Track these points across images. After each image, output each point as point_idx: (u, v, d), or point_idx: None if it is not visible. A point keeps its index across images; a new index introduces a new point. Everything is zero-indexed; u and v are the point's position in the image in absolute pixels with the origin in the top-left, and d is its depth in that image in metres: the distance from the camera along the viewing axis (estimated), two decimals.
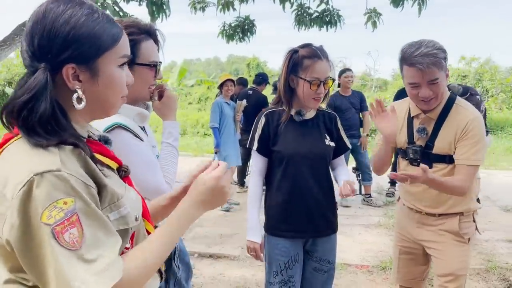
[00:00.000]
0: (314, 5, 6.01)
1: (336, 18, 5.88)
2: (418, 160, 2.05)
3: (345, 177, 2.09)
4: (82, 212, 0.78)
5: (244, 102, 5.74)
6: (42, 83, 0.83)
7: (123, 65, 0.95)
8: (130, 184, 1.00)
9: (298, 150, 1.99)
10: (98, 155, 0.90)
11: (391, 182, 5.99)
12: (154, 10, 4.81)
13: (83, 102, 0.88)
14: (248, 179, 5.92)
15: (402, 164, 2.16)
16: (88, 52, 0.87)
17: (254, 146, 2.05)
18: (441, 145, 1.98)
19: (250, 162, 2.15)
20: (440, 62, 1.84)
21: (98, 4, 4.08)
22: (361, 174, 5.78)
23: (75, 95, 0.87)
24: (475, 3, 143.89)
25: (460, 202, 2.03)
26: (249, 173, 6.20)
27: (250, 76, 17.86)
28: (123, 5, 4.78)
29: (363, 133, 5.67)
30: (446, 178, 1.96)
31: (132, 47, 1.04)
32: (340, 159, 2.17)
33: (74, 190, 0.78)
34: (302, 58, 1.95)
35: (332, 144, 2.07)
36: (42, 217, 0.75)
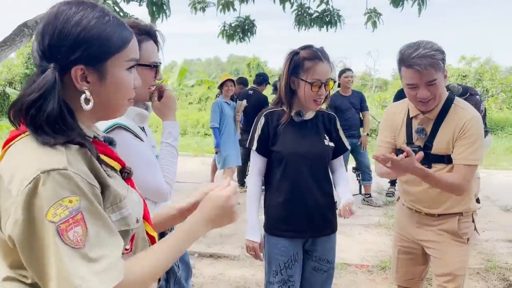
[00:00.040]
0: (314, 5, 6.03)
1: (336, 18, 5.89)
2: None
3: (345, 191, 2.07)
4: (87, 211, 0.79)
5: (244, 102, 5.74)
6: (51, 83, 0.84)
7: (132, 68, 0.95)
8: (133, 186, 1.01)
9: (297, 150, 2.00)
10: (102, 156, 0.90)
11: (391, 182, 5.99)
12: (154, 10, 4.82)
13: (91, 103, 0.89)
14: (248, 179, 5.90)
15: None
16: (97, 54, 0.88)
17: (254, 146, 2.05)
18: (439, 145, 1.99)
19: (250, 162, 2.15)
20: (437, 63, 1.84)
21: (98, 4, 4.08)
22: (361, 174, 5.78)
23: (83, 96, 0.88)
24: (475, 3, 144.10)
25: (459, 203, 2.04)
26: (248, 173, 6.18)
27: (251, 76, 17.84)
28: (123, 5, 4.79)
29: (363, 132, 5.67)
30: (443, 175, 1.96)
31: None
32: (339, 160, 2.17)
33: (79, 189, 0.79)
34: (303, 60, 1.95)
35: (331, 144, 2.08)
36: (47, 214, 0.75)
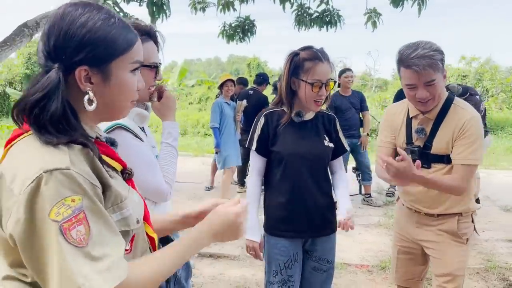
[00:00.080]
0: (314, 5, 6.04)
1: (336, 18, 5.90)
2: (417, 160, 2.05)
3: (344, 200, 2.07)
4: (89, 210, 0.80)
5: (244, 102, 5.75)
6: (55, 83, 0.84)
7: (136, 70, 0.96)
8: (133, 187, 1.01)
9: (297, 150, 2.00)
10: (104, 157, 0.91)
11: None
12: (155, 10, 4.83)
13: (94, 104, 0.89)
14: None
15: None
16: (102, 55, 0.88)
17: (253, 146, 2.06)
18: (439, 145, 1.99)
19: (250, 162, 2.16)
20: (436, 63, 1.84)
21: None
22: (361, 174, 5.78)
23: (86, 97, 0.89)
24: (475, 3, 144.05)
25: (458, 203, 2.04)
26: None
27: (251, 76, 17.84)
28: (124, 5, 4.80)
29: (363, 132, 5.67)
30: (441, 177, 1.96)
31: None
32: (338, 161, 2.17)
33: (81, 188, 0.79)
34: (303, 61, 1.95)
35: (331, 145, 2.08)
36: (50, 213, 0.75)
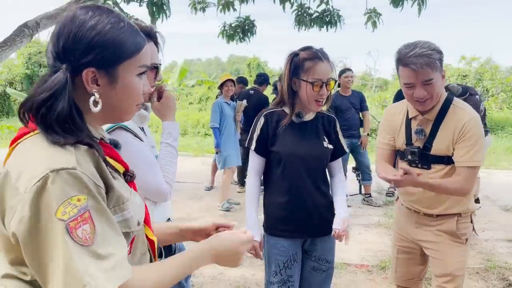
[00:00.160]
0: (314, 5, 6.03)
1: (336, 18, 5.89)
2: (417, 161, 2.05)
3: (341, 207, 2.06)
4: (94, 209, 0.81)
5: (244, 102, 5.75)
6: (62, 83, 0.85)
7: (142, 74, 0.97)
8: (135, 189, 1.02)
9: (296, 151, 2.00)
10: (108, 158, 0.92)
11: None
12: (155, 10, 4.83)
13: (99, 106, 0.90)
14: None
15: (401, 165, 2.16)
16: (109, 58, 0.89)
17: (252, 146, 2.06)
18: (439, 146, 1.99)
19: (249, 162, 2.16)
20: (434, 63, 1.85)
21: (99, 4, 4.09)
22: (361, 174, 5.79)
23: (92, 98, 0.89)
24: (475, 3, 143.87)
25: (458, 203, 2.04)
26: None
27: (251, 76, 17.83)
28: (124, 5, 4.80)
29: (364, 132, 5.68)
30: (444, 181, 1.97)
31: None
32: (337, 163, 2.16)
33: (86, 188, 0.80)
34: (303, 61, 1.95)
35: (330, 146, 2.08)
36: (57, 212, 0.76)
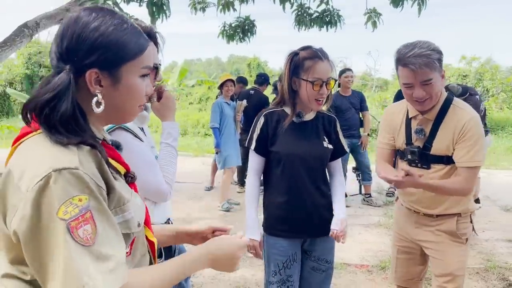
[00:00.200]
0: (314, 5, 6.03)
1: (336, 18, 5.90)
2: (417, 161, 2.05)
3: (340, 208, 2.05)
4: (95, 209, 0.81)
5: (244, 102, 5.75)
6: (65, 84, 0.86)
7: (145, 76, 0.97)
8: (136, 190, 1.02)
9: (296, 151, 2.00)
10: (110, 159, 0.92)
11: None
12: (154, 10, 4.82)
13: (102, 107, 0.91)
14: None
15: (401, 165, 2.17)
16: (113, 59, 0.90)
17: (252, 146, 2.05)
18: (439, 146, 1.99)
19: (249, 162, 2.16)
20: (433, 63, 1.84)
21: (99, 4, 4.09)
22: (361, 174, 5.79)
23: (95, 99, 0.90)
24: (476, 3, 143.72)
25: (458, 203, 2.04)
26: None
27: (251, 76, 17.82)
28: (123, 6, 4.79)
29: (364, 132, 5.68)
30: (445, 182, 1.97)
31: None
32: (337, 163, 2.16)
33: (88, 188, 0.80)
34: (303, 60, 1.95)
35: (330, 146, 2.07)
36: (58, 212, 0.76)
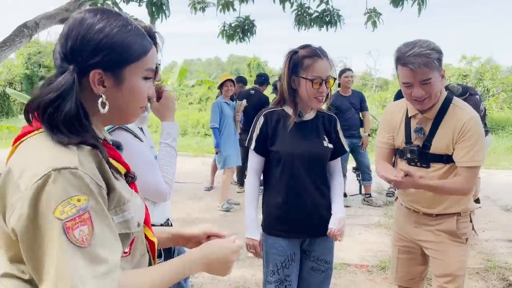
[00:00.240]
0: (314, 5, 6.04)
1: (336, 18, 5.90)
2: (416, 159, 2.05)
3: (338, 207, 2.07)
4: (94, 211, 0.80)
5: (244, 102, 5.75)
6: (70, 83, 0.86)
7: (148, 78, 0.97)
8: (136, 190, 1.02)
9: (295, 150, 1.99)
10: (110, 159, 0.92)
11: None
12: (154, 10, 4.82)
13: (107, 107, 0.91)
14: None
15: (400, 164, 2.16)
16: (116, 60, 0.90)
17: (252, 146, 2.05)
18: (438, 145, 1.99)
19: (248, 161, 2.16)
20: (432, 62, 1.84)
21: (98, 4, 4.09)
22: (361, 174, 5.79)
23: (100, 100, 0.90)
24: (476, 3, 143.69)
25: (457, 203, 2.04)
26: None
27: (251, 76, 17.82)
28: (123, 5, 4.79)
29: (365, 133, 5.68)
30: (445, 182, 1.97)
31: None
32: (336, 163, 2.15)
33: (88, 189, 0.80)
34: (302, 58, 1.94)
35: (330, 146, 2.07)
36: (55, 211, 0.76)
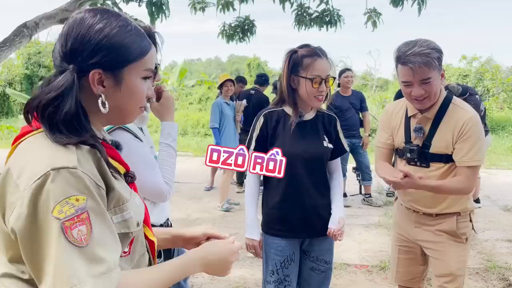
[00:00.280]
0: (314, 5, 6.02)
1: (336, 18, 5.90)
2: (415, 159, 2.05)
3: (337, 207, 2.06)
4: (93, 211, 0.80)
5: (244, 102, 5.75)
6: (70, 83, 0.86)
7: (147, 78, 0.98)
8: (135, 190, 1.02)
9: (295, 150, 1.99)
10: (110, 159, 0.92)
11: None
12: (154, 10, 4.82)
13: (107, 107, 0.91)
14: None
15: (400, 164, 2.16)
16: (116, 60, 0.90)
17: (252, 146, 2.05)
18: (438, 144, 1.99)
19: None
20: (432, 62, 1.84)
21: (98, 4, 4.09)
22: (361, 174, 5.79)
23: (100, 99, 0.90)
24: (476, 3, 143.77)
25: (457, 202, 2.03)
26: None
27: (251, 76, 17.82)
28: (123, 5, 4.79)
29: (365, 133, 5.68)
30: (445, 182, 1.96)
31: None
32: (336, 162, 2.15)
33: (87, 189, 0.80)
34: (302, 57, 1.94)
35: (330, 146, 2.07)
36: (53, 211, 0.76)
